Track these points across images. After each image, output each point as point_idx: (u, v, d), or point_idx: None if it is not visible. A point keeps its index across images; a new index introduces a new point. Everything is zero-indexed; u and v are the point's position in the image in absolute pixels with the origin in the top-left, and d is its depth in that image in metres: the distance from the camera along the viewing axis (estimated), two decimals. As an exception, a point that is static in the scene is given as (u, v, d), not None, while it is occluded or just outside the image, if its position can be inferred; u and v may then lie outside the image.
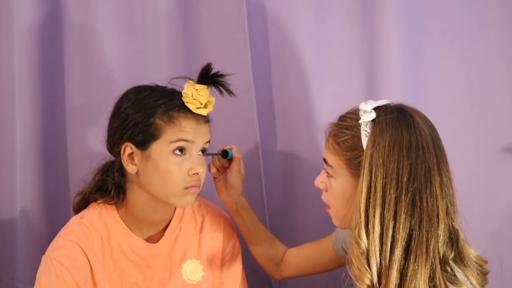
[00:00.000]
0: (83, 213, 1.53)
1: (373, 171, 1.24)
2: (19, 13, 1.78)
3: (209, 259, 1.60)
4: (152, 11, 1.80)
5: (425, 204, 1.23)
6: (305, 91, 1.79)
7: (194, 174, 1.44)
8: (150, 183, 1.45)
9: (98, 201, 1.53)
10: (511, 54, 1.74)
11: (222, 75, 1.46)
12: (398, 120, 1.27)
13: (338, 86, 1.79)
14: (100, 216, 1.51)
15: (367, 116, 1.29)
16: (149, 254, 1.53)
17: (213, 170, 1.60)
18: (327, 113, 1.79)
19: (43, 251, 1.49)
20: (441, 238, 1.24)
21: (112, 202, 1.52)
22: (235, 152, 1.59)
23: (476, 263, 1.31)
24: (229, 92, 1.47)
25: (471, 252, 1.31)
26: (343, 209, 1.34)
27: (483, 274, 1.32)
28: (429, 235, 1.22)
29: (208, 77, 1.45)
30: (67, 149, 1.89)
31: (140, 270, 1.52)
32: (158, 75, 1.73)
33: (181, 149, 1.43)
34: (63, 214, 1.80)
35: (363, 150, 1.28)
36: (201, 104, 1.44)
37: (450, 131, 1.76)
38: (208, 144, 1.48)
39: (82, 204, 1.56)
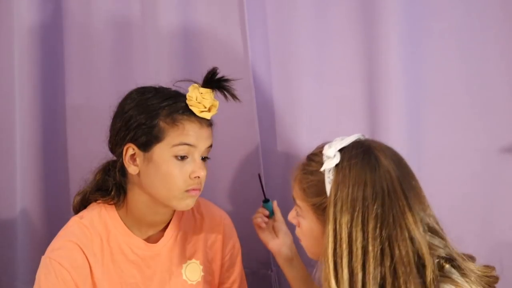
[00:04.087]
0: (83, 213, 1.53)
1: (338, 220, 1.19)
2: (19, 13, 1.79)
3: (209, 259, 1.60)
4: (151, 11, 1.80)
5: (397, 251, 1.18)
6: (305, 91, 1.79)
7: (195, 177, 1.44)
8: (151, 185, 1.45)
9: (98, 201, 1.53)
10: (511, 54, 1.74)
11: (227, 80, 1.45)
12: (362, 165, 1.22)
13: (338, 86, 1.79)
14: (99, 216, 1.51)
15: (329, 162, 1.24)
16: (149, 254, 1.53)
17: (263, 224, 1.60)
18: (327, 113, 1.81)
19: (43, 251, 1.49)
20: (429, 277, 1.18)
21: (112, 202, 1.51)
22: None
23: (483, 276, 1.28)
24: (234, 97, 1.46)
25: (474, 268, 1.27)
26: (313, 247, 1.32)
27: (491, 284, 1.29)
28: (408, 284, 1.17)
29: (214, 81, 1.44)
30: (67, 149, 1.90)
31: (140, 270, 1.52)
32: (158, 75, 1.74)
33: (184, 155, 1.43)
34: (63, 214, 1.80)
35: (327, 196, 1.24)
36: (205, 107, 1.44)
37: (450, 131, 1.77)
38: (210, 148, 1.48)
39: (82, 204, 1.56)
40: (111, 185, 1.50)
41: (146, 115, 1.43)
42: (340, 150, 1.25)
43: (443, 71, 1.77)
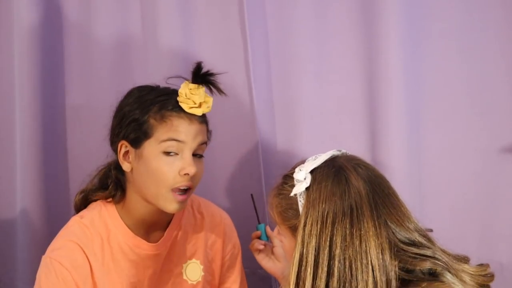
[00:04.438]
0: (83, 213, 1.53)
1: (305, 243, 1.18)
2: (19, 13, 1.78)
3: (209, 259, 1.60)
4: (151, 10, 1.80)
5: (360, 277, 1.16)
6: (305, 91, 1.80)
7: (185, 174, 1.43)
8: (142, 182, 1.45)
9: (97, 199, 1.53)
10: (511, 54, 1.74)
11: (212, 74, 1.45)
12: (331, 187, 1.20)
13: (338, 86, 1.79)
14: (100, 216, 1.51)
15: (299, 186, 1.22)
16: (149, 254, 1.52)
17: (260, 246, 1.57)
18: (327, 113, 1.80)
19: (43, 251, 1.49)
20: None
21: (110, 200, 1.52)
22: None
23: (478, 275, 1.27)
24: (220, 91, 1.46)
25: (467, 269, 1.24)
26: None
27: (487, 282, 1.28)
28: None
29: (199, 76, 1.44)
30: (67, 149, 1.89)
31: (140, 269, 1.52)
32: (157, 75, 1.73)
33: (174, 151, 1.42)
34: (63, 214, 1.80)
35: None
36: (195, 103, 1.43)
37: (450, 131, 1.78)
38: (204, 145, 1.47)
39: (83, 202, 1.56)
40: (109, 183, 1.51)
41: (137, 112, 1.44)
42: (312, 171, 1.23)
43: (443, 71, 1.77)
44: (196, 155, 1.45)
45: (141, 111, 1.43)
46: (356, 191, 1.20)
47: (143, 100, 1.44)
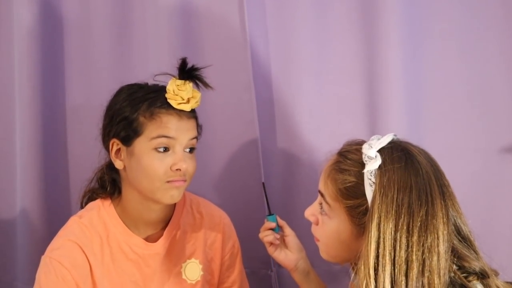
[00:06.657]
0: (82, 213, 1.54)
1: (382, 227, 1.13)
2: (19, 13, 1.79)
3: (208, 258, 1.60)
4: (152, 10, 1.80)
5: (435, 263, 1.13)
6: (305, 91, 1.80)
7: (176, 170, 1.43)
8: (136, 179, 1.46)
9: (96, 199, 1.54)
10: (511, 54, 1.74)
11: (197, 69, 1.45)
12: (406, 169, 1.16)
13: (338, 86, 1.79)
14: (98, 216, 1.52)
15: (372, 164, 1.18)
16: (148, 253, 1.53)
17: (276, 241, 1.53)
18: (327, 113, 1.81)
19: (43, 251, 1.49)
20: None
21: (109, 200, 1.52)
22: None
23: None
24: (206, 85, 1.46)
25: (501, 285, 1.23)
26: (336, 250, 1.26)
27: None
28: None
29: (185, 72, 1.45)
30: (67, 149, 1.90)
31: (140, 269, 1.52)
32: (157, 68, 1.73)
33: (165, 148, 1.43)
34: (63, 214, 1.80)
35: (366, 199, 1.18)
36: (183, 99, 1.44)
37: (450, 131, 1.78)
38: (195, 140, 1.47)
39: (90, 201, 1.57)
40: (107, 182, 1.52)
41: (127, 110, 1.45)
42: (379, 151, 1.20)
43: (443, 71, 1.77)
44: (188, 150, 1.46)
45: (131, 109, 1.44)
46: (429, 176, 1.17)
47: (132, 98, 1.45)
